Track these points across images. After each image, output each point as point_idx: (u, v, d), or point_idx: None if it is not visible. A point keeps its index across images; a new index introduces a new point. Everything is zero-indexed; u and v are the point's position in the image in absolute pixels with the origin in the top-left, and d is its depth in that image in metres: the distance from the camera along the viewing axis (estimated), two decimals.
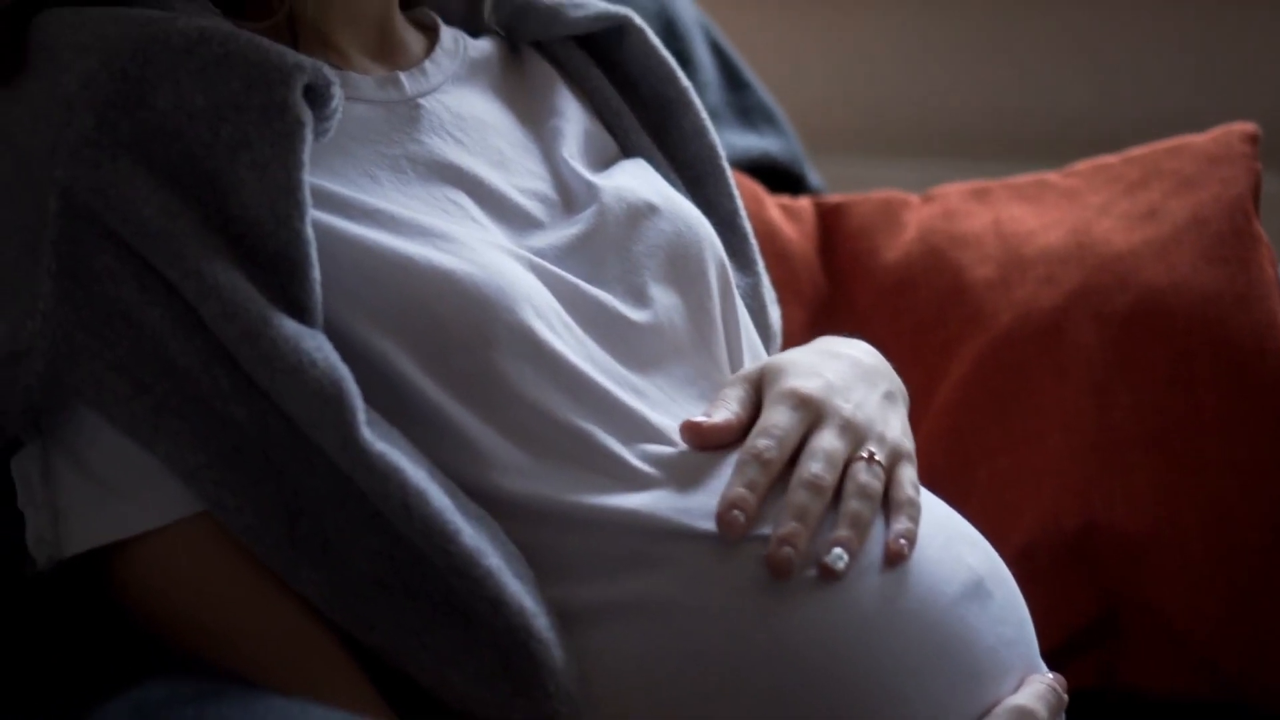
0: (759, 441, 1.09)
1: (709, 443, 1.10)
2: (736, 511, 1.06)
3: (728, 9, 2.36)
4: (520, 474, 1.07)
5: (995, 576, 1.13)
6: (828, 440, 1.10)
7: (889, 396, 1.17)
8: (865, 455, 1.11)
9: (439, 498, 1.02)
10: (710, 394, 1.16)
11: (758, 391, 1.14)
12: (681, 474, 1.09)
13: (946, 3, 2.54)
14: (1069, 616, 1.43)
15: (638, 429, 1.11)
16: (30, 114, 1.06)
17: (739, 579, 1.06)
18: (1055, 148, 2.48)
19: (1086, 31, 2.51)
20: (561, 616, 1.05)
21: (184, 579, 1.05)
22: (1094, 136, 2.47)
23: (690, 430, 1.11)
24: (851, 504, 1.08)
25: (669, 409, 1.14)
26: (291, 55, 1.07)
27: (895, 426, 1.15)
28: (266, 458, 1.03)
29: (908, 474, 1.13)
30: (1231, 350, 1.44)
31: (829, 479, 1.09)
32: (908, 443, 1.15)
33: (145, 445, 1.03)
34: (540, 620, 1.03)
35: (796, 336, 1.51)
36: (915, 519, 1.10)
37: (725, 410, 1.12)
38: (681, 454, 1.10)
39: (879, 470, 1.11)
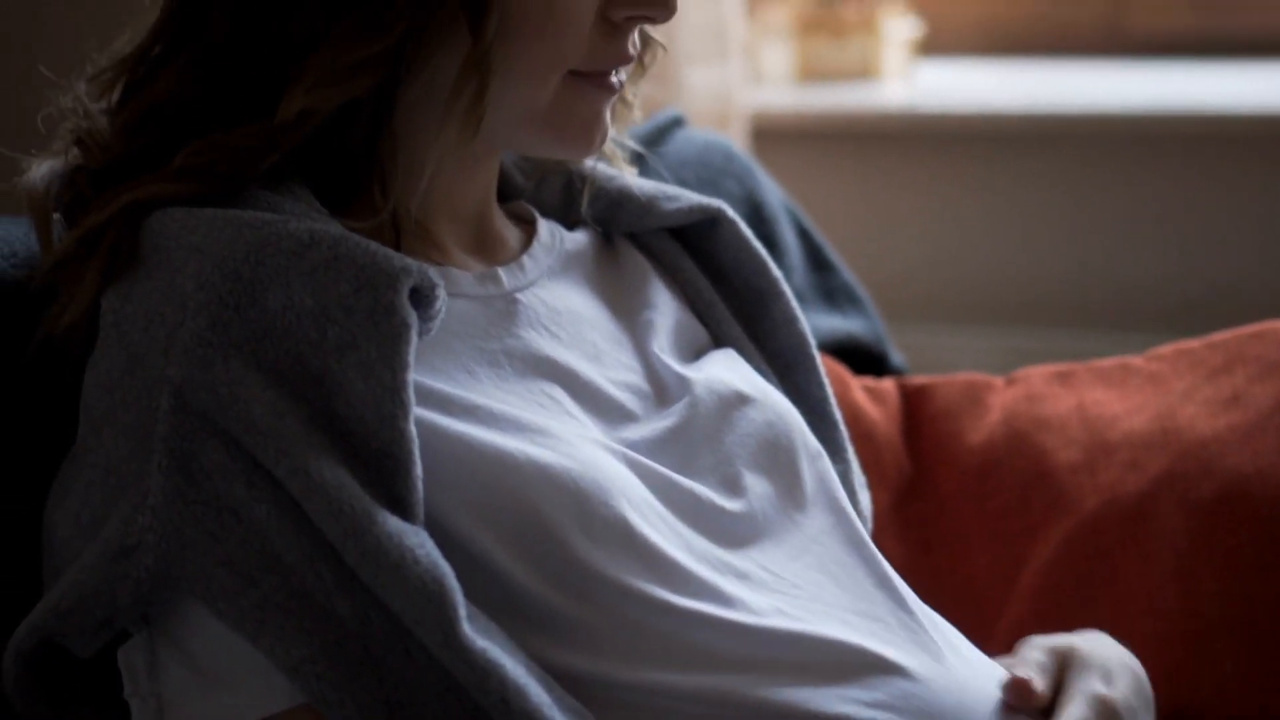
0: None
1: (1025, 706, 1.15)
2: None
3: (811, 184, 2.40)
4: (620, 661, 1.08)
5: None
6: None
7: None
8: None
9: (537, 693, 1.04)
10: (816, 568, 1.17)
11: (1060, 668, 1.20)
12: (787, 656, 1.10)
13: (1024, 175, 2.57)
14: None
15: (739, 613, 1.11)
16: (144, 312, 1.09)
17: None
18: (1133, 317, 2.50)
19: (1163, 202, 2.52)
20: None
21: None
22: (1171, 305, 2.48)
23: (1020, 691, 1.16)
24: None
25: (774, 585, 1.14)
26: (398, 259, 1.09)
27: None
28: (368, 651, 1.04)
29: None
30: None
31: None
32: None
33: (250, 639, 1.04)
34: None
35: (881, 519, 1.52)
36: None
37: (1042, 681, 1.18)
38: (781, 634, 1.10)
39: None
